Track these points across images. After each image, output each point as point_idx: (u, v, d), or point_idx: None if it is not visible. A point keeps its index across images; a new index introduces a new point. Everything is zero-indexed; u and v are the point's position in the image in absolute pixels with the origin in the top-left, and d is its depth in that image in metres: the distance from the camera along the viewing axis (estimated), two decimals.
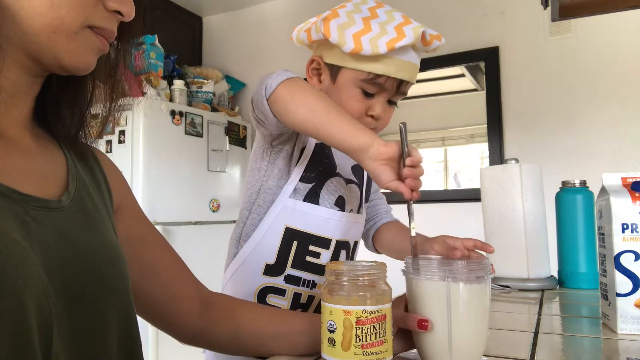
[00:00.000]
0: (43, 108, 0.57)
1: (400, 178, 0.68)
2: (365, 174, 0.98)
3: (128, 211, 0.65)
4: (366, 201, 1.01)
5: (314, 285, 0.87)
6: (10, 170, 0.48)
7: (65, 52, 0.48)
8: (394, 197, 0.97)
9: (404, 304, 0.62)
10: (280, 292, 0.85)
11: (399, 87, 0.85)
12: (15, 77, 0.49)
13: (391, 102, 0.88)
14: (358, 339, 0.51)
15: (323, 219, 0.86)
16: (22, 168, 0.50)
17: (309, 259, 0.86)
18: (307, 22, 0.90)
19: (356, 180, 0.95)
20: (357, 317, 0.51)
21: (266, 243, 0.85)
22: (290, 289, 0.86)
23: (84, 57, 0.50)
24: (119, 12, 0.51)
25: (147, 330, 1.84)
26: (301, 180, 0.87)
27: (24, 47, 0.47)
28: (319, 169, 0.89)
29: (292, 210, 0.84)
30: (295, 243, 0.85)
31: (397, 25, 0.81)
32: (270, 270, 0.85)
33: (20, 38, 0.47)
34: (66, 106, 0.58)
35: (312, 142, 0.89)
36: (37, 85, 0.53)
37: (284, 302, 0.86)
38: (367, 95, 0.85)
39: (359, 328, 0.51)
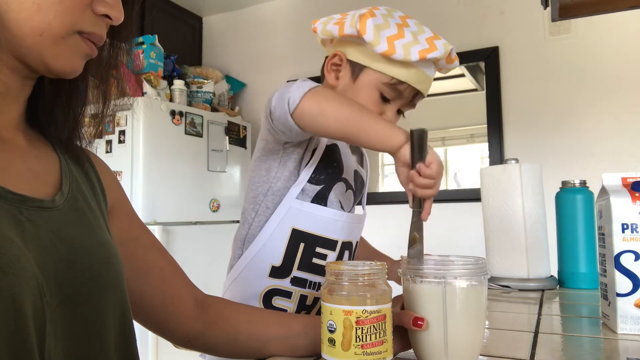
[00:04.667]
0: (35, 110, 0.57)
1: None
2: (366, 178, 0.99)
3: (122, 213, 0.65)
4: (358, 203, 1.01)
5: (319, 287, 0.87)
6: (4, 171, 0.48)
7: (51, 56, 0.48)
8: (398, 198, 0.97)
9: (401, 303, 0.62)
10: (287, 294, 0.85)
11: (414, 98, 0.87)
12: (6, 78, 0.50)
13: (399, 112, 0.90)
14: (358, 339, 0.51)
15: (331, 221, 0.85)
16: (16, 168, 0.50)
17: (315, 260, 0.86)
18: (331, 17, 0.89)
19: (353, 186, 0.94)
20: (357, 317, 0.51)
21: (272, 245, 0.84)
22: (297, 291, 0.85)
23: (70, 62, 0.50)
24: (107, 16, 0.51)
25: (147, 331, 1.83)
26: (309, 181, 0.86)
27: (12, 50, 0.48)
28: (329, 172, 0.88)
29: (298, 212, 0.84)
30: (302, 245, 0.84)
31: (428, 38, 0.83)
32: (276, 272, 0.84)
33: (8, 40, 0.47)
34: (59, 108, 0.58)
35: (323, 144, 0.88)
36: (27, 87, 0.53)
37: (290, 305, 0.86)
38: (384, 99, 0.86)
39: (359, 328, 0.51)
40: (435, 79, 0.92)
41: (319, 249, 0.85)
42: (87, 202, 0.57)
